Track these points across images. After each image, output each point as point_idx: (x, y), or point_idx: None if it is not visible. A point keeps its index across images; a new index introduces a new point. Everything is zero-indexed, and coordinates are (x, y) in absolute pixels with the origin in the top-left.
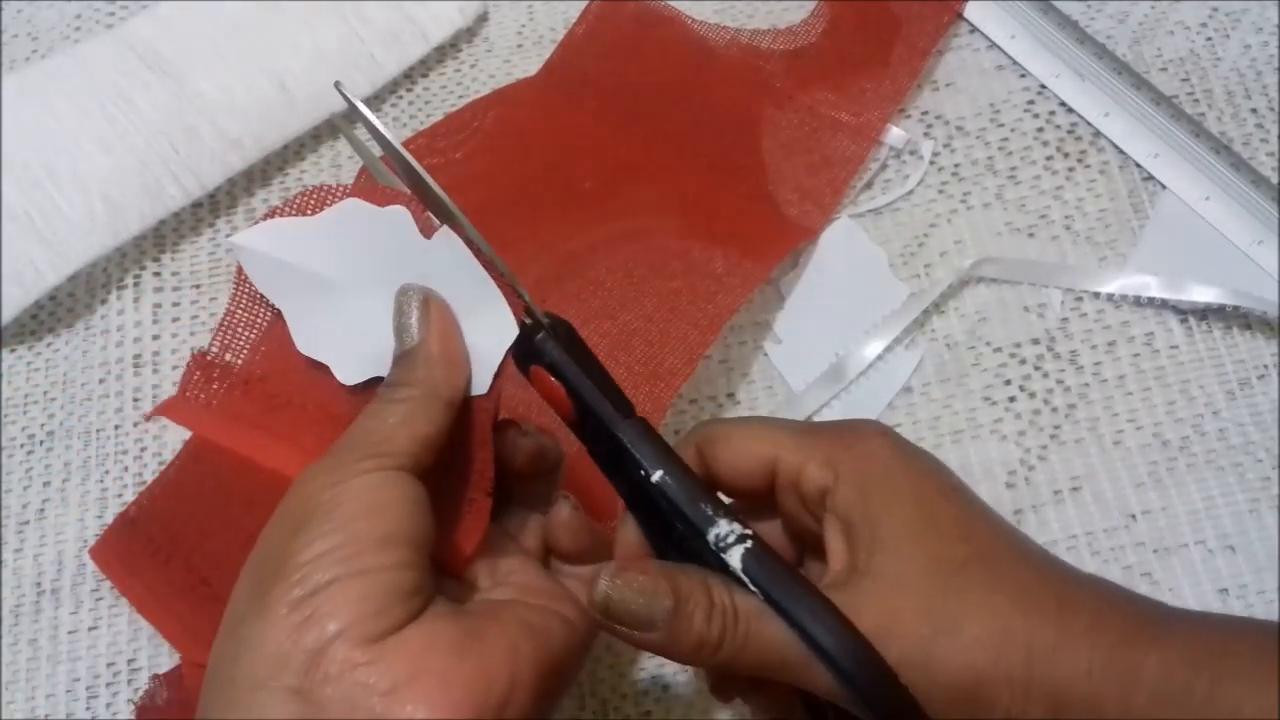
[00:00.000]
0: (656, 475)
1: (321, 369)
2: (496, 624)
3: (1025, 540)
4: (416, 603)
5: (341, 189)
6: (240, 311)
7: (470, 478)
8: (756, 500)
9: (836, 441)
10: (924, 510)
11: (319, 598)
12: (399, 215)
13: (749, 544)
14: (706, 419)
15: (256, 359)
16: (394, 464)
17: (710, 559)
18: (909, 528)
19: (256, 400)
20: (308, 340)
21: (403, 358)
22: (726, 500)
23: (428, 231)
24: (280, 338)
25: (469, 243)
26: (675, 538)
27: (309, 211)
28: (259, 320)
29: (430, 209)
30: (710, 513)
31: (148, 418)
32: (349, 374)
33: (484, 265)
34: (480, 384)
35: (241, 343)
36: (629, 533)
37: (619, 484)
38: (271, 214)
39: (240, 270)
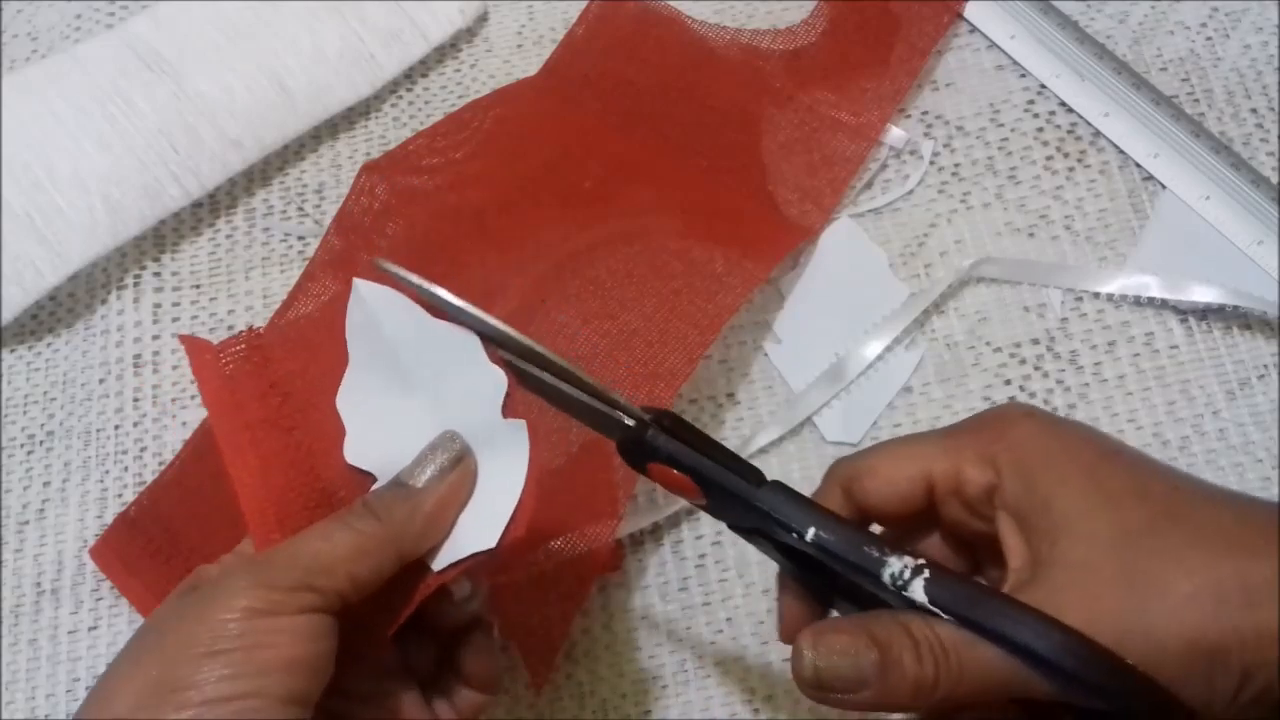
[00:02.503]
0: (810, 534)
1: (338, 431)
2: None
3: (1205, 484)
4: None
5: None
6: (313, 331)
7: (373, 626)
8: (910, 523)
9: (985, 435)
10: (1093, 481)
11: None
12: (499, 381)
13: (927, 573)
14: (841, 456)
15: (295, 376)
16: (324, 604)
17: (890, 599)
18: (1082, 504)
19: (267, 406)
20: (348, 400)
21: (396, 490)
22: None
23: (510, 408)
24: (329, 379)
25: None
26: (842, 587)
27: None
28: (322, 348)
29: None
30: (877, 554)
31: (180, 338)
32: (356, 453)
33: (568, 377)
34: (439, 561)
35: (296, 356)
36: (791, 599)
37: (768, 549)
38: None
39: (339, 297)
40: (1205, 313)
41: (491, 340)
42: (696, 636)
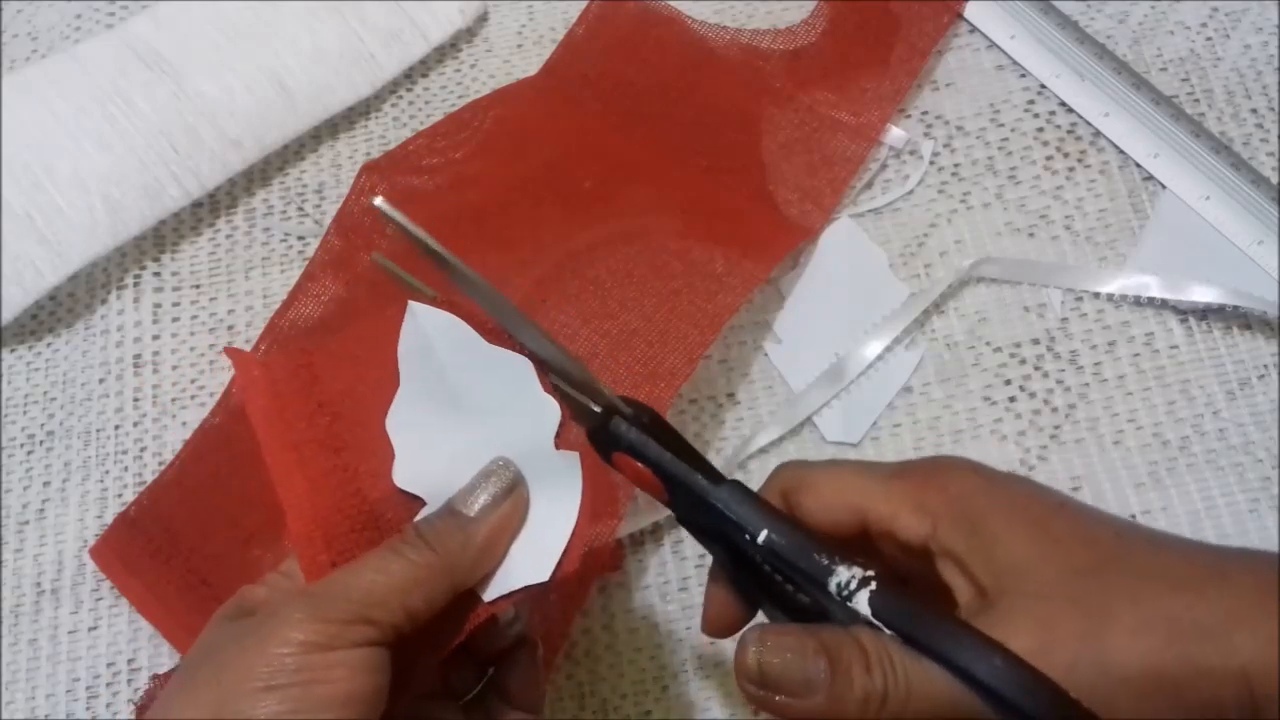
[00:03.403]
0: (762, 535)
1: (386, 453)
2: None
3: (1151, 530)
4: None
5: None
6: (362, 349)
7: (422, 654)
8: (845, 542)
9: (925, 485)
10: (1039, 529)
11: None
12: (553, 411)
13: (873, 585)
14: (786, 461)
15: (344, 396)
16: (379, 636)
17: (835, 609)
18: (1029, 546)
19: (315, 426)
20: (398, 422)
21: (448, 517)
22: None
23: (563, 439)
24: (377, 399)
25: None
26: (775, 594)
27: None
28: (371, 368)
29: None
30: (826, 562)
31: (226, 351)
32: (405, 476)
33: (555, 361)
34: (490, 591)
35: (344, 375)
36: (720, 592)
37: (714, 549)
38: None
39: (390, 318)
40: (1205, 313)
41: (484, 300)
42: (696, 636)
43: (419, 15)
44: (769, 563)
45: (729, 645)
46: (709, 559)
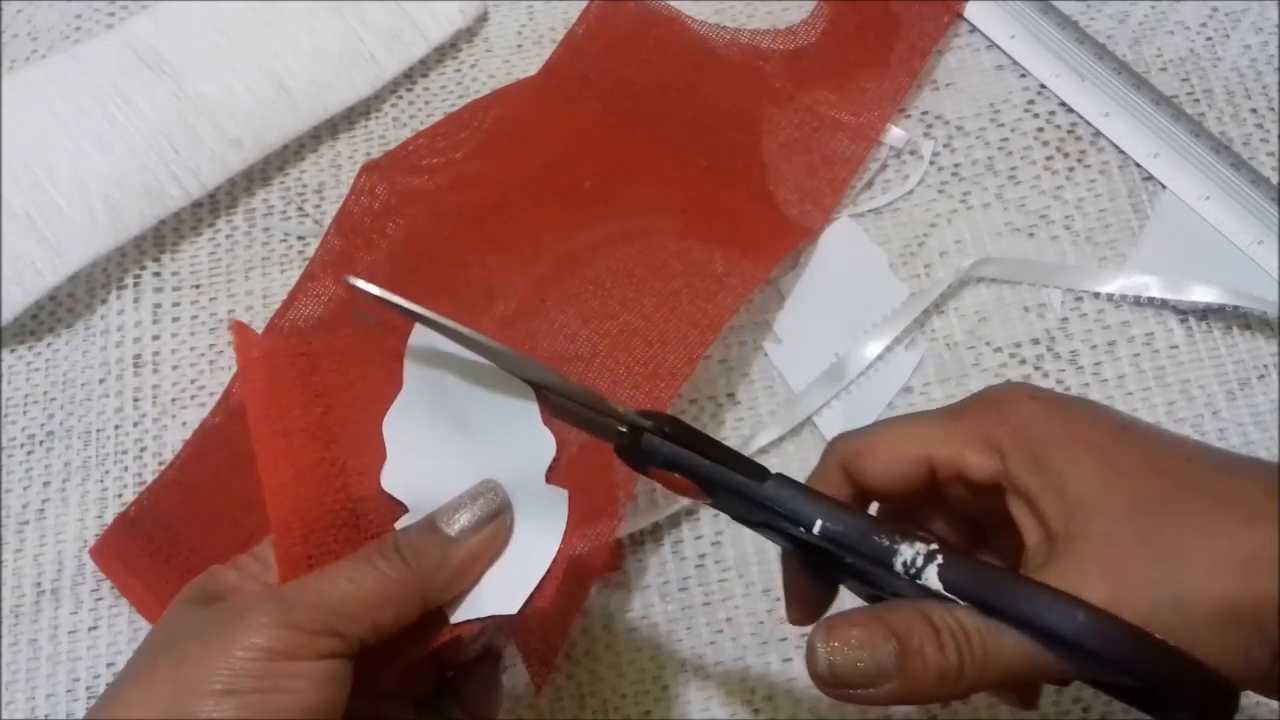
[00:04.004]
0: (817, 527)
1: (376, 452)
2: None
3: (1220, 453)
4: None
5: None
6: (363, 346)
7: (381, 664)
8: (911, 501)
9: (987, 419)
10: (1105, 458)
11: None
12: (549, 446)
13: (940, 559)
14: (840, 433)
15: (340, 390)
16: (344, 649)
17: (904, 587)
18: (1096, 480)
19: (308, 416)
20: (395, 426)
21: (428, 535)
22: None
23: (554, 475)
24: (373, 398)
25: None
26: (847, 565)
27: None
28: (370, 366)
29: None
30: (888, 542)
31: (232, 324)
32: (394, 480)
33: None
34: (458, 614)
35: (343, 369)
36: (797, 579)
37: (777, 539)
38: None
39: (390, 316)
40: (1205, 313)
41: (472, 348)
42: (696, 636)
43: (419, 15)
44: (831, 550)
45: (729, 645)
46: (709, 559)
